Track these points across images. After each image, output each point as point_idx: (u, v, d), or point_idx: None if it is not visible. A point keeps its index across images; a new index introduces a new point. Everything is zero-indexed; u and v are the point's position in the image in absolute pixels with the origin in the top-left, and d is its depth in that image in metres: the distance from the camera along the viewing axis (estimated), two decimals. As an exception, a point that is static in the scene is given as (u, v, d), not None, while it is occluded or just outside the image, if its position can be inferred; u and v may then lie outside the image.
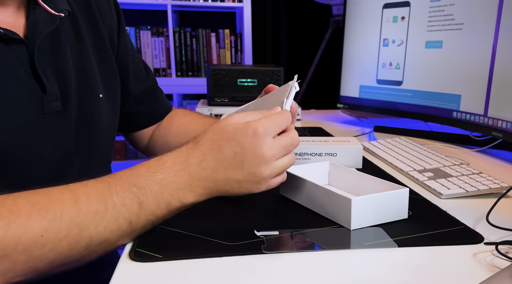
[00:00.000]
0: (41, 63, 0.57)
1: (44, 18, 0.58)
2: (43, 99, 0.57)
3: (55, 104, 0.59)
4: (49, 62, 0.59)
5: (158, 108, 0.87)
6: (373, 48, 1.27)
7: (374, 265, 0.48)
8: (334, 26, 2.35)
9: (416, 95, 1.16)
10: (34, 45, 0.56)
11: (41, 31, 0.57)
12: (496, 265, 0.47)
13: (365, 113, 1.37)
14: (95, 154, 0.68)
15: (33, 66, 0.56)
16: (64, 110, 0.60)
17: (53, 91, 0.58)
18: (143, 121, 0.86)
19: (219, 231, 0.54)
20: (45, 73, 0.57)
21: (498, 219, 0.59)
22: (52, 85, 0.58)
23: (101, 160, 0.71)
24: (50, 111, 0.58)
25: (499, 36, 0.93)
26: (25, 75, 0.55)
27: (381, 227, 0.56)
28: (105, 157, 0.73)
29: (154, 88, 0.86)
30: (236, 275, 0.45)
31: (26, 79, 0.55)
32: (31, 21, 0.57)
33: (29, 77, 0.56)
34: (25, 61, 0.56)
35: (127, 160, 2.41)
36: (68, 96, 0.61)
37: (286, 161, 0.52)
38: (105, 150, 0.71)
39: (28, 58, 0.56)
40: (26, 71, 0.55)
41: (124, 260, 0.48)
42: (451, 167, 0.81)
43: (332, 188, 0.62)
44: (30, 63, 0.56)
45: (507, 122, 0.90)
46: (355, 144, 0.85)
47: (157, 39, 2.35)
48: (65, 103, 0.61)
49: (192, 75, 2.40)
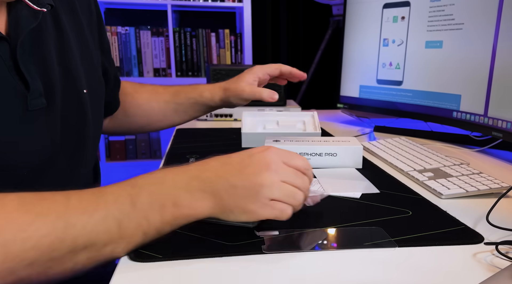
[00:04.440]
0: (24, 60, 0.56)
1: (26, 14, 0.57)
2: (27, 96, 0.56)
3: (40, 101, 0.58)
4: (32, 59, 0.58)
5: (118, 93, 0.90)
6: (373, 48, 1.27)
7: (374, 265, 0.48)
8: (334, 26, 2.35)
9: (416, 95, 1.16)
10: (16, 42, 0.55)
11: (24, 28, 0.56)
12: (496, 265, 0.47)
13: (365, 113, 1.37)
14: (82, 149, 0.68)
15: (15, 63, 0.55)
16: (49, 107, 0.60)
17: (37, 88, 0.57)
18: (110, 109, 0.89)
19: (219, 231, 0.54)
20: (28, 70, 0.56)
21: (498, 219, 0.59)
22: (36, 82, 0.57)
23: (87, 156, 0.70)
24: (35, 108, 0.57)
25: (499, 36, 0.93)
26: (8, 72, 0.54)
27: (381, 226, 0.56)
28: (92, 152, 0.72)
29: (116, 74, 0.89)
30: (236, 275, 0.45)
31: (9, 76, 0.54)
32: (12, 18, 0.56)
33: (12, 74, 0.55)
34: (7, 58, 0.54)
35: (127, 160, 2.41)
36: (52, 92, 0.60)
37: (292, 189, 0.50)
38: (91, 146, 0.71)
39: (11, 55, 0.55)
40: (9, 68, 0.54)
41: (124, 260, 0.48)
42: (451, 167, 0.81)
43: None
44: (12, 60, 0.55)
45: (507, 122, 0.90)
46: (355, 144, 0.85)
47: (157, 39, 2.35)
48: (50, 100, 0.60)
49: (192, 75, 2.40)
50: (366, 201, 0.66)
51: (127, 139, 2.45)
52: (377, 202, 0.66)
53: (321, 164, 0.83)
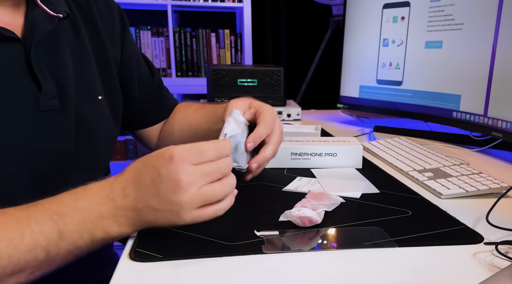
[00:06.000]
0: (38, 62, 0.57)
1: (42, 18, 0.59)
2: (39, 97, 0.57)
3: (52, 103, 0.59)
4: (47, 62, 0.59)
5: (162, 106, 0.87)
6: (373, 48, 1.27)
7: (374, 265, 0.48)
8: (334, 26, 2.35)
9: (416, 95, 1.16)
10: (31, 44, 0.56)
11: (39, 31, 0.57)
12: (496, 265, 0.47)
13: (365, 113, 1.37)
14: (95, 154, 0.68)
15: (29, 65, 0.56)
16: (63, 109, 0.61)
17: (49, 89, 0.58)
18: (148, 120, 0.86)
19: (219, 231, 0.54)
20: (41, 72, 0.57)
21: (498, 219, 0.59)
22: (48, 83, 0.58)
23: (101, 161, 0.71)
24: (47, 109, 0.58)
25: (499, 36, 0.93)
26: (21, 73, 0.56)
27: (381, 226, 0.56)
28: (106, 158, 0.73)
29: (159, 88, 0.87)
30: (236, 275, 0.45)
31: (22, 77, 0.56)
32: (29, 21, 0.58)
33: (25, 75, 0.56)
34: (21, 60, 0.56)
35: (127, 160, 2.41)
36: (66, 95, 0.61)
37: (211, 189, 0.47)
38: (105, 151, 0.71)
39: (25, 56, 0.56)
40: (22, 69, 0.56)
41: (124, 260, 0.48)
42: (451, 167, 0.81)
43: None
44: (26, 61, 0.56)
45: (507, 122, 0.90)
46: (355, 143, 0.85)
47: (157, 39, 2.35)
48: (64, 102, 0.61)
49: (192, 75, 2.40)
50: (366, 201, 0.66)
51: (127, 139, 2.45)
52: (377, 202, 0.66)
53: (321, 164, 0.83)
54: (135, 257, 0.48)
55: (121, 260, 0.48)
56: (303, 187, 0.72)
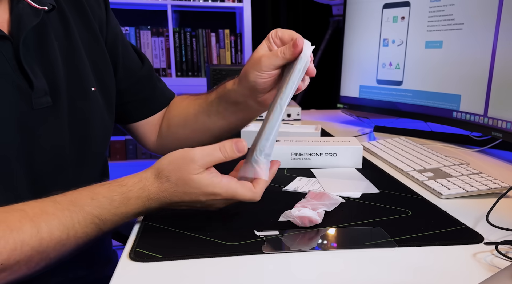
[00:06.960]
0: (28, 58, 0.56)
1: (28, 12, 0.57)
2: (31, 95, 0.56)
3: (44, 100, 0.58)
4: (36, 57, 0.58)
5: (156, 97, 0.82)
6: (373, 48, 1.27)
7: (374, 265, 0.48)
8: (334, 26, 2.35)
9: (416, 95, 1.16)
10: (18, 40, 0.55)
11: (25, 26, 0.56)
12: (496, 265, 0.47)
13: (365, 113, 1.37)
14: (90, 149, 0.67)
15: (19, 62, 0.55)
16: (55, 106, 0.60)
17: (41, 86, 0.57)
18: (139, 112, 0.81)
19: (219, 231, 0.54)
20: (32, 69, 0.56)
21: (498, 219, 0.59)
22: (40, 80, 0.57)
23: (96, 156, 0.70)
24: (40, 107, 0.57)
25: (499, 36, 0.93)
26: (12, 71, 0.55)
27: (381, 226, 0.56)
28: (101, 152, 0.72)
29: (150, 76, 0.82)
30: (236, 275, 0.45)
31: (13, 75, 0.55)
32: (14, 16, 0.56)
33: (16, 73, 0.55)
34: (11, 57, 0.55)
35: (127, 160, 2.41)
36: (58, 91, 0.60)
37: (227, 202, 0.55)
38: (100, 145, 0.70)
39: (14, 53, 0.55)
40: (12, 67, 0.55)
41: (124, 260, 0.48)
42: (451, 167, 0.81)
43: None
44: (15, 59, 0.55)
45: (507, 122, 0.90)
46: (355, 143, 0.85)
47: (157, 39, 2.35)
48: (56, 99, 0.60)
49: (192, 75, 2.40)
50: (366, 201, 0.66)
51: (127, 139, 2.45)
52: (377, 202, 0.66)
53: (321, 164, 0.83)
54: (135, 257, 0.48)
55: (121, 260, 0.48)
56: (303, 187, 0.72)
